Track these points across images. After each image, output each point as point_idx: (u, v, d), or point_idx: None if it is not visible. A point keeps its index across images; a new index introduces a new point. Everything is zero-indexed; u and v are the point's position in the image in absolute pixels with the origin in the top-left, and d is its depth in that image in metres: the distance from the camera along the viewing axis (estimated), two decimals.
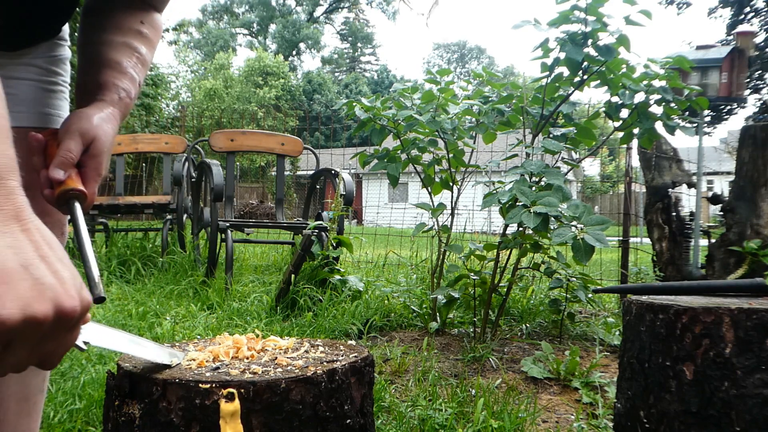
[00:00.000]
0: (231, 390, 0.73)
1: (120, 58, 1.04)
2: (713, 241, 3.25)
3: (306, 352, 0.92)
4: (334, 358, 0.87)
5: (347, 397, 0.82)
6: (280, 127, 23.63)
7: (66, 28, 1.17)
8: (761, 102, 18.59)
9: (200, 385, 0.74)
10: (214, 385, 0.74)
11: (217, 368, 0.81)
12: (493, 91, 2.91)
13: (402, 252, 5.48)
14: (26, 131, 0.91)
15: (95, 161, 0.92)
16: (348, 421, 0.82)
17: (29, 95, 1.10)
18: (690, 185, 3.68)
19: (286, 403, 0.75)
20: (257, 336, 0.98)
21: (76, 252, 0.79)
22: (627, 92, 2.58)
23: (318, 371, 0.79)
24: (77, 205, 0.89)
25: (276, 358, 0.87)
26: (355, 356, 0.88)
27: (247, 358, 0.87)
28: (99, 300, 0.75)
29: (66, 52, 1.19)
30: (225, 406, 0.72)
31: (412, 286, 3.73)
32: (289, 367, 0.82)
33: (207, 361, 0.85)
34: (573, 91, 2.61)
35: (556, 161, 2.81)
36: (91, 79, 1.01)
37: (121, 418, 0.77)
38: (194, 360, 0.85)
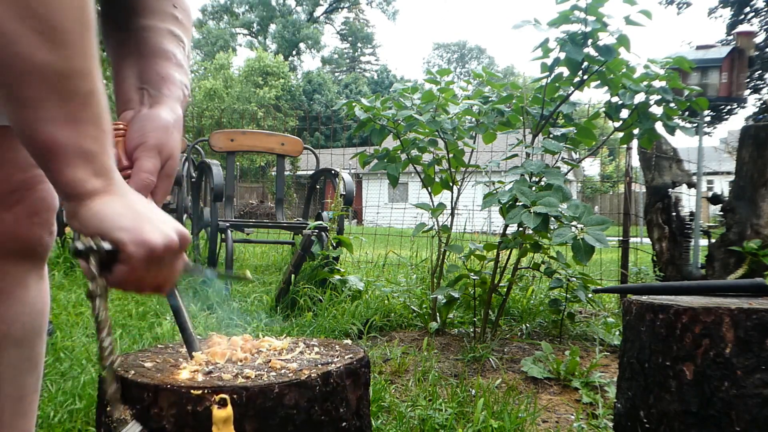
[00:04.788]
0: (223, 396, 0.72)
1: (173, 48, 0.97)
2: (713, 241, 3.25)
3: (301, 353, 0.91)
4: (329, 360, 0.86)
5: (342, 400, 0.81)
6: (280, 127, 23.65)
7: None
8: (761, 102, 18.58)
9: (192, 390, 0.73)
10: (206, 391, 0.72)
11: (210, 372, 0.80)
12: (493, 91, 2.90)
13: (402, 252, 5.47)
14: None
15: (167, 182, 0.88)
16: (343, 424, 0.81)
17: None
18: (690, 185, 3.68)
19: (280, 407, 0.74)
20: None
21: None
22: (627, 92, 2.57)
23: (312, 374, 0.78)
24: None
25: (270, 360, 0.86)
26: (351, 357, 0.87)
27: (241, 361, 0.86)
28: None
29: None
30: (217, 413, 0.71)
31: (412, 286, 3.72)
32: (282, 371, 0.81)
33: (204, 363, 0.84)
34: (573, 91, 2.61)
35: (556, 161, 2.81)
36: (148, 70, 0.94)
37: (113, 423, 0.76)
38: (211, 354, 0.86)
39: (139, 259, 0.72)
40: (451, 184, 3.02)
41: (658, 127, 2.68)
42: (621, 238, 4.08)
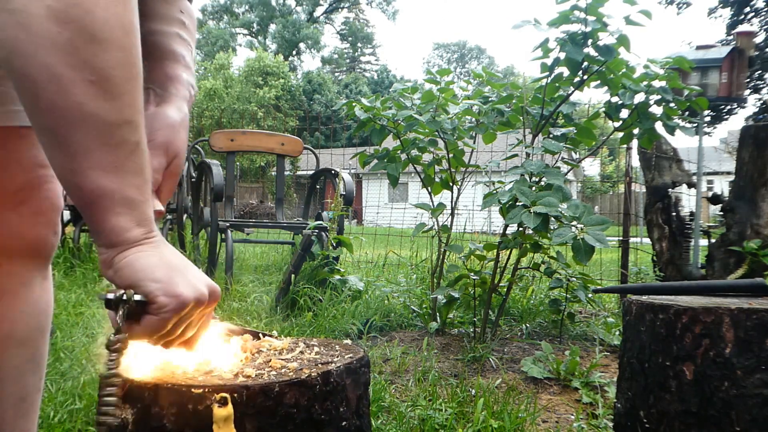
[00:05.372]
0: (224, 395, 0.72)
1: (182, 51, 0.99)
2: (713, 241, 3.25)
3: (301, 353, 0.91)
4: (329, 360, 0.86)
5: (342, 399, 0.81)
6: (280, 127, 23.65)
7: None
8: (761, 102, 18.58)
9: (192, 389, 0.73)
10: (206, 390, 0.73)
11: (210, 371, 0.80)
12: (493, 91, 2.90)
13: (402, 252, 5.47)
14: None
15: (173, 181, 0.88)
16: (344, 423, 0.81)
17: None
18: (690, 185, 3.68)
19: (280, 406, 0.75)
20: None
21: None
22: (627, 92, 2.57)
23: (312, 374, 0.78)
24: None
25: (270, 360, 0.86)
26: (351, 357, 0.88)
27: (242, 360, 0.86)
28: None
29: None
30: (218, 411, 0.72)
31: (412, 286, 3.72)
32: (283, 370, 0.81)
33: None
34: (573, 91, 2.61)
35: (556, 161, 2.81)
36: (156, 70, 0.95)
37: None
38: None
39: (169, 312, 0.72)
40: (451, 184, 3.02)
41: (658, 127, 2.68)
42: (621, 238, 4.08)
